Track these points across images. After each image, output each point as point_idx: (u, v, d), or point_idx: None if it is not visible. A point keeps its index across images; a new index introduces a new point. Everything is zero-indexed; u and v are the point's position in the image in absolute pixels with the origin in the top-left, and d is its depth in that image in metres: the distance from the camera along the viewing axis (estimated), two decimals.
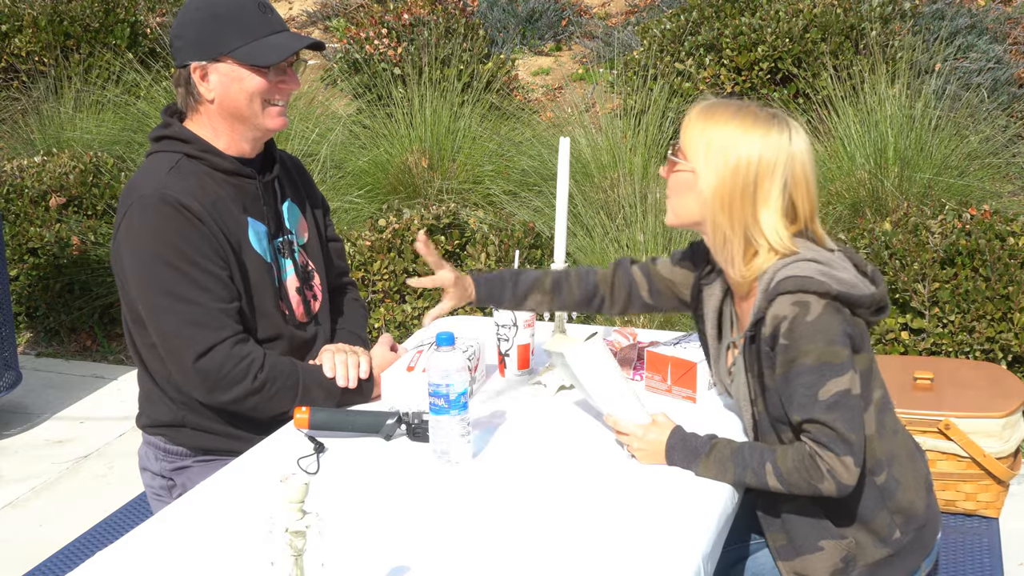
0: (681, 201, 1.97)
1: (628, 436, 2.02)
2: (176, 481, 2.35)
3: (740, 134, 1.90)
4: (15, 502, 3.73)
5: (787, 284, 1.84)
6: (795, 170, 1.91)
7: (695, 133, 1.93)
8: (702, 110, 1.95)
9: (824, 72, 5.44)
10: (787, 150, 1.90)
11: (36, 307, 5.11)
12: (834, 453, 1.84)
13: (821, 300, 1.83)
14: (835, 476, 1.85)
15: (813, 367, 1.84)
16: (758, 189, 1.89)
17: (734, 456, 1.94)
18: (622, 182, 5.05)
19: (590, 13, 7.51)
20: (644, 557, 1.71)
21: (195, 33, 2.23)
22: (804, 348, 1.84)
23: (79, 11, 6.76)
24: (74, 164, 5.37)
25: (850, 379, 1.85)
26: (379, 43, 6.33)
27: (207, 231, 2.19)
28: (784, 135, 1.91)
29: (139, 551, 1.78)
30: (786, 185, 1.90)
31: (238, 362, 2.17)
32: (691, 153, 1.93)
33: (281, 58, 2.24)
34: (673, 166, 1.97)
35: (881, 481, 1.95)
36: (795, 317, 1.83)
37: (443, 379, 1.96)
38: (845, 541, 1.96)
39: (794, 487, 1.89)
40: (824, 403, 1.84)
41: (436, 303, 2.21)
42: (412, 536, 1.79)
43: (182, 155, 2.25)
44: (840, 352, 1.84)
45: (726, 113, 1.93)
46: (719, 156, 1.90)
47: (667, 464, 1.98)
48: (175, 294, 2.15)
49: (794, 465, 1.88)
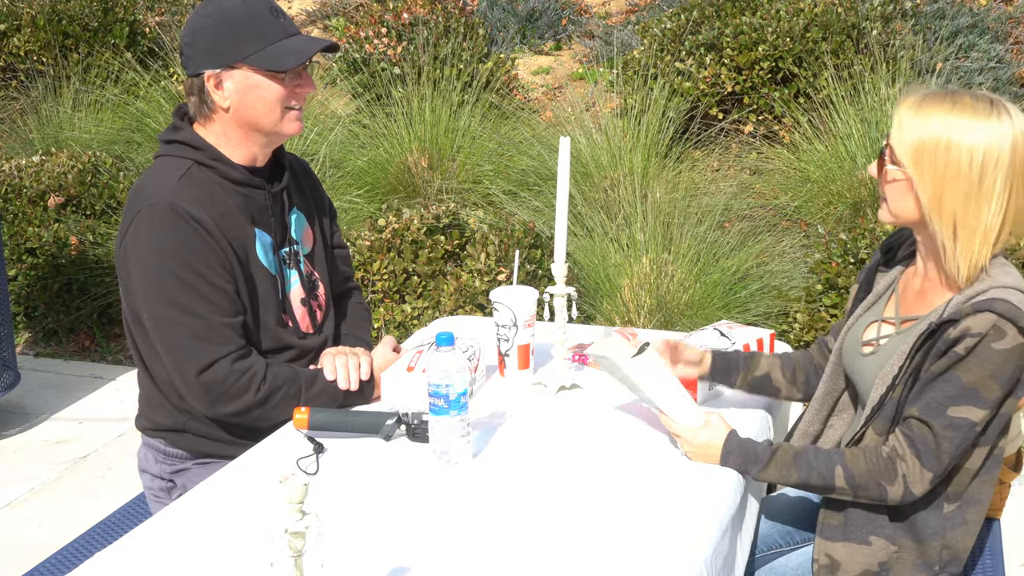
0: (898, 205, 1.88)
1: (680, 437, 2.01)
2: (176, 483, 2.35)
3: (959, 127, 1.77)
4: (14, 503, 3.72)
5: (999, 306, 1.77)
6: (1018, 161, 1.79)
7: (907, 134, 1.82)
8: (911, 106, 1.83)
9: (825, 71, 5.43)
10: (1011, 138, 1.78)
11: (34, 307, 5.10)
12: (921, 463, 1.83)
13: (1019, 337, 1.78)
14: (907, 483, 1.84)
15: (964, 385, 1.80)
16: (981, 187, 1.78)
17: (797, 459, 1.92)
18: (622, 182, 5.04)
19: (590, 12, 7.51)
20: (646, 558, 1.70)
21: (207, 41, 2.19)
22: (970, 365, 1.79)
23: (78, 10, 6.75)
24: (73, 164, 5.36)
25: (984, 416, 1.82)
26: (378, 42, 6.33)
27: (215, 243, 2.17)
28: (1006, 121, 1.78)
29: (138, 552, 1.78)
30: (1010, 179, 1.78)
31: (240, 376, 2.16)
32: (903, 156, 1.82)
33: (298, 62, 2.21)
34: (886, 172, 1.87)
35: (950, 511, 1.93)
36: (986, 336, 1.77)
37: (443, 379, 1.96)
38: (893, 548, 1.94)
39: (861, 489, 1.88)
40: (948, 418, 1.81)
41: (435, 303, 2.19)
42: (412, 536, 1.78)
43: (193, 162, 2.23)
44: (994, 389, 1.80)
45: (941, 106, 1.80)
46: (936, 157, 1.79)
47: (721, 465, 1.97)
48: (180, 305, 2.14)
49: (867, 467, 1.87)
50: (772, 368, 2.22)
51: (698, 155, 5.71)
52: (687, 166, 5.49)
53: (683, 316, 4.30)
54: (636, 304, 4.31)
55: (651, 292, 4.29)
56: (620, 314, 4.34)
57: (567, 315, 2.35)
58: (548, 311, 2.36)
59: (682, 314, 4.31)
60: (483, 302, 4.12)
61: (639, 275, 4.35)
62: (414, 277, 4.38)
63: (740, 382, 2.22)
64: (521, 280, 4.14)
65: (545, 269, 4.30)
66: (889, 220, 1.92)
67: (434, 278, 4.37)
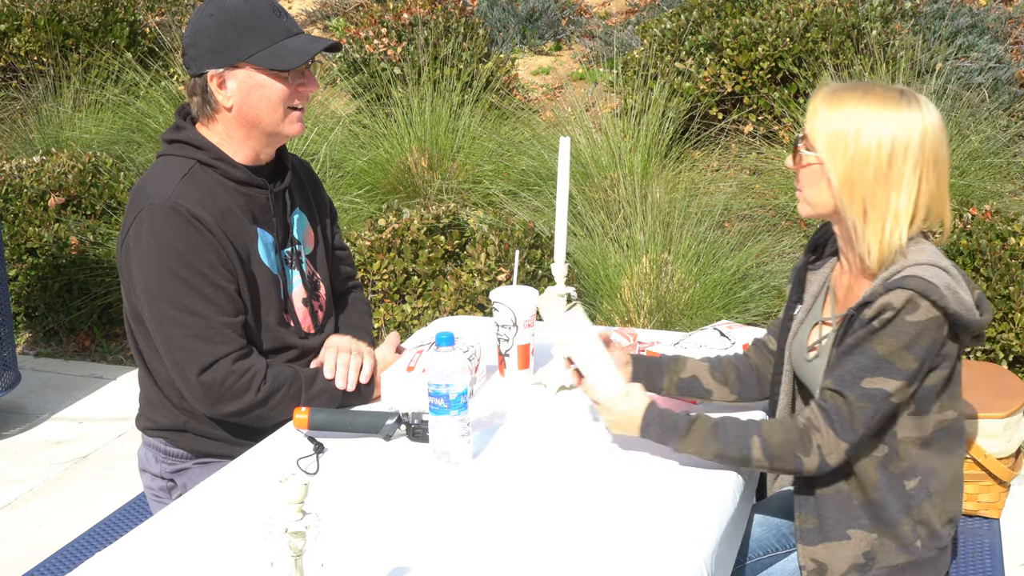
0: (812, 192, 1.93)
1: (600, 406, 2.02)
2: (177, 482, 2.35)
3: (868, 116, 1.85)
4: (14, 503, 3.72)
5: (912, 283, 1.81)
6: (927, 148, 1.85)
7: (820, 121, 1.89)
8: (825, 96, 1.90)
9: (825, 72, 5.44)
10: (920, 127, 1.85)
11: (35, 307, 5.10)
12: (835, 433, 1.86)
13: (932, 310, 1.81)
14: (823, 453, 1.87)
15: (878, 356, 1.83)
16: (890, 171, 1.85)
17: (715, 430, 1.93)
18: (622, 182, 5.04)
19: (590, 12, 7.51)
20: (646, 558, 1.70)
21: (210, 40, 2.19)
22: (884, 337, 1.83)
23: (78, 10, 6.75)
24: (73, 164, 5.36)
25: (898, 387, 1.84)
26: (378, 43, 6.33)
27: (216, 243, 2.17)
28: (915, 111, 1.86)
29: (138, 552, 1.78)
30: (919, 165, 1.85)
31: (240, 376, 2.16)
32: (817, 142, 1.89)
33: (301, 62, 2.21)
34: (800, 157, 1.93)
35: (911, 488, 1.94)
36: (901, 309, 1.81)
37: (443, 379, 1.96)
38: (872, 536, 1.95)
39: (777, 460, 1.89)
40: (863, 390, 1.84)
41: (435, 303, 2.20)
42: (412, 536, 1.78)
43: (195, 162, 2.23)
44: (909, 360, 1.83)
45: (852, 96, 1.88)
46: (847, 142, 1.86)
47: (640, 436, 1.98)
48: (181, 305, 2.14)
49: (783, 438, 1.89)
50: (699, 371, 2.20)
51: (698, 155, 5.71)
52: (687, 166, 5.49)
53: (683, 316, 4.31)
54: (636, 304, 4.31)
55: (651, 292, 4.29)
56: (620, 314, 4.34)
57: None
58: None
59: (682, 314, 4.31)
60: (483, 302, 4.13)
61: (639, 275, 4.35)
62: (414, 277, 4.38)
63: (667, 385, 2.19)
64: (521, 280, 4.14)
65: (545, 269, 4.30)
66: (806, 212, 1.97)
67: (434, 278, 4.37)
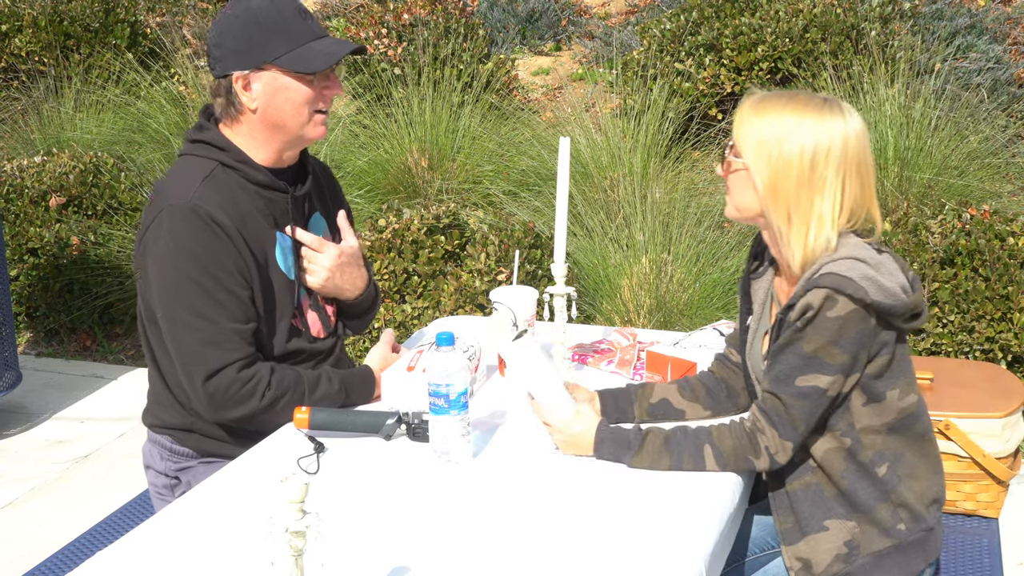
0: (740, 197, 1.98)
1: (551, 427, 2.03)
2: (181, 479, 2.35)
3: (792, 123, 1.90)
4: (15, 502, 3.73)
5: (827, 280, 1.86)
6: (850, 154, 1.90)
7: (746, 128, 1.94)
8: (752, 104, 1.95)
9: (824, 72, 5.44)
10: (842, 133, 1.90)
11: (36, 307, 5.11)
12: (778, 433, 1.92)
13: (850, 303, 1.85)
14: (771, 454, 1.93)
15: (807, 355, 1.88)
16: (813, 176, 1.89)
17: (667, 443, 1.97)
18: (622, 182, 5.04)
19: (590, 13, 7.51)
20: (646, 559, 1.71)
21: (235, 42, 2.18)
22: (810, 335, 1.87)
23: (79, 11, 6.76)
24: (74, 164, 5.37)
25: (832, 382, 1.88)
26: (379, 43, 6.33)
27: (234, 248, 2.17)
28: (838, 118, 1.91)
29: (139, 551, 1.78)
30: (841, 170, 1.90)
31: (244, 384, 2.15)
32: (744, 149, 1.94)
33: (328, 65, 2.20)
34: (728, 164, 1.98)
35: (883, 474, 1.96)
36: (820, 307, 1.85)
37: (443, 379, 1.96)
38: (850, 524, 1.96)
39: (730, 465, 1.96)
40: (797, 389, 1.89)
41: (435, 303, 2.21)
42: (412, 536, 1.79)
43: (217, 163, 2.23)
44: (837, 355, 1.87)
45: (776, 104, 1.93)
46: (771, 149, 1.90)
47: (595, 456, 2.00)
48: (194, 310, 2.14)
49: (733, 444, 1.95)
50: (668, 393, 2.20)
51: (697, 155, 5.72)
52: (686, 166, 5.49)
53: (682, 316, 4.31)
54: (636, 304, 4.32)
55: (651, 292, 4.30)
56: (620, 314, 4.35)
57: (567, 315, 2.36)
58: (548, 311, 2.37)
59: (681, 314, 4.32)
60: (483, 302, 4.13)
61: (639, 275, 4.36)
62: (414, 277, 4.39)
63: (639, 412, 2.17)
64: (521, 280, 4.15)
65: (545, 269, 4.31)
66: (734, 215, 2.02)
67: (434, 278, 4.38)
